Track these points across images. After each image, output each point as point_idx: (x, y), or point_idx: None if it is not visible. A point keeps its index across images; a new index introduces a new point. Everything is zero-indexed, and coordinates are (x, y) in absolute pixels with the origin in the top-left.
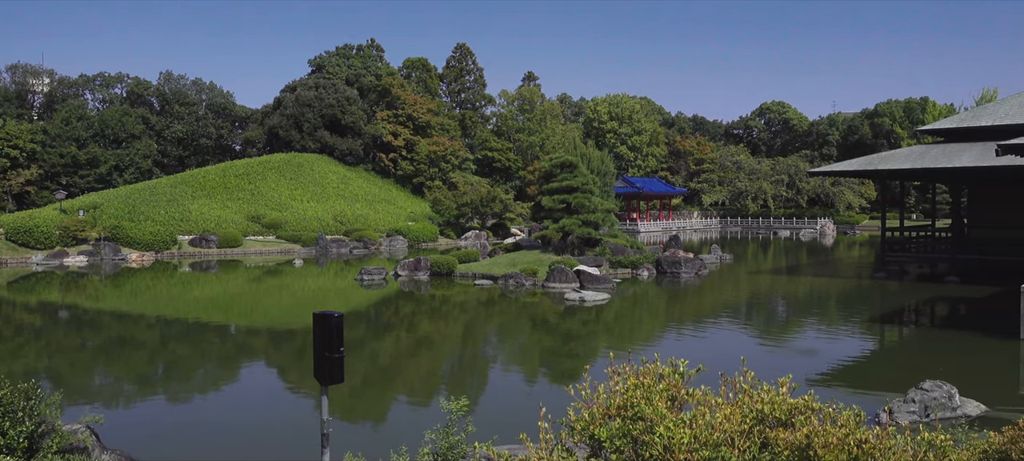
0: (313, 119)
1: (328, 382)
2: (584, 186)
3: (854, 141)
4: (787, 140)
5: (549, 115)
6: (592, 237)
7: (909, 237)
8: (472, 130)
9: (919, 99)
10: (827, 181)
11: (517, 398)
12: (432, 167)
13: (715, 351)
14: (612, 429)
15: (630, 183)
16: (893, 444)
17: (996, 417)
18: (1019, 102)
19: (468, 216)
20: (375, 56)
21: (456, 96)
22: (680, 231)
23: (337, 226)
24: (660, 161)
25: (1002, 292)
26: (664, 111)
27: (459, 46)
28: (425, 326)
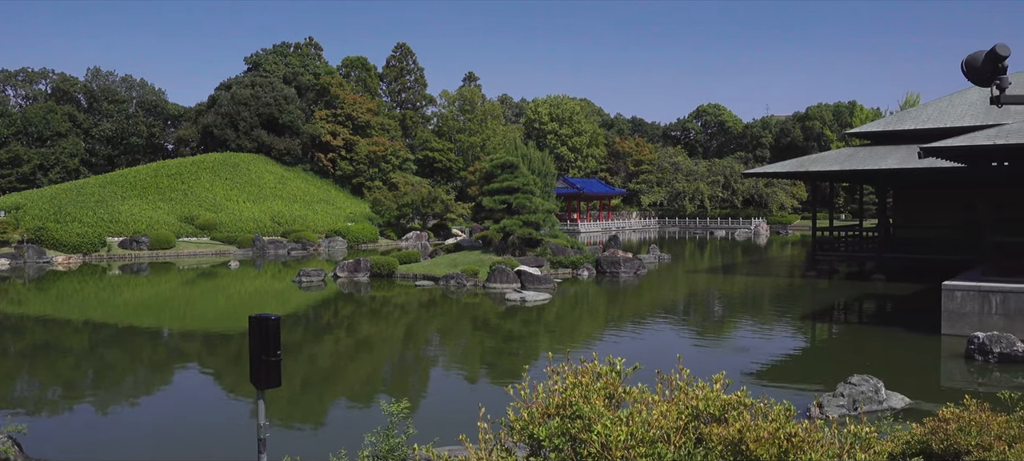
0: (249, 118)
1: (265, 386)
2: (525, 187)
3: (786, 143)
4: (723, 142)
5: (490, 116)
6: (533, 237)
7: (838, 237)
8: (413, 130)
9: (847, 103)
10: (761, 182)
11: (458, 399)
12: (372, 167)
13: (653, 349)
14: (551, 428)
15: (570, 184)
16: (821, 437)
17: (919, 409)
18: (939, 107)
19: (409, 217)
20: (313, 55)
21: (396, 96)
22: (619, 231)
23: (274, 227)
24: (600, 162)
25: (925, 289)
26: (604, 113)
27: (399, 46)
28: (365, 328)
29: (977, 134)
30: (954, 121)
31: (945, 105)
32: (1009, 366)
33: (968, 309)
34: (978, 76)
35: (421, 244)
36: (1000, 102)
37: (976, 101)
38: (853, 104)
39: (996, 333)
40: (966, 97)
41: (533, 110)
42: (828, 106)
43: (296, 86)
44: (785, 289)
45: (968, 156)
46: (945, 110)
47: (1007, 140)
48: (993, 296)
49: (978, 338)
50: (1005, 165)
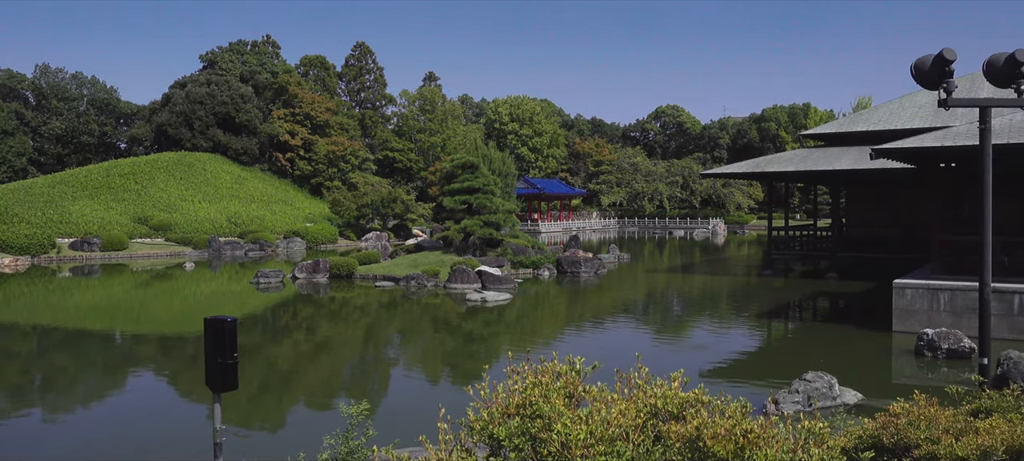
0: (205, 117)
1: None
2: (485, 187)
3: (743, 144)
4: (681, 143)
5: (450, 116)
6: (494, 238)
7: (793, 236)
8: (372, 130)
9: (802, 105)
10: (719, 182)
11: (419, 400)
12: (331, 167)
13: (612, 348)
14: (511, 428)
15: (531, 184)
16: (776, 433)
17: (871, 404)
18: (890, 109)
19: (369, 217)
20: (271, 53)
21: (356, 95)
22: (580, 231)
23: (231, 228)
24: (560, 162)
25: (877, 287)
26: (564, 113)
27: (359, 44)
28: (324, 329)
29: (926, 136)
30: (904, 123)
31: (895, 107)
32: (957, 361)
33: (918, 306)
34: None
35: (381, 245)
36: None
37: (925, 103)
38: (807, 106)
39: (944, 330)
40: (915, 100)
41: (494, 110)
42: (783, 108)
43: (253, 85)
44: (742, 288)
45: (917, 157)
46: (895, 112)
47: (954, 142)
48: (941, 294)
49: (927, 335)
50: (952, 166)
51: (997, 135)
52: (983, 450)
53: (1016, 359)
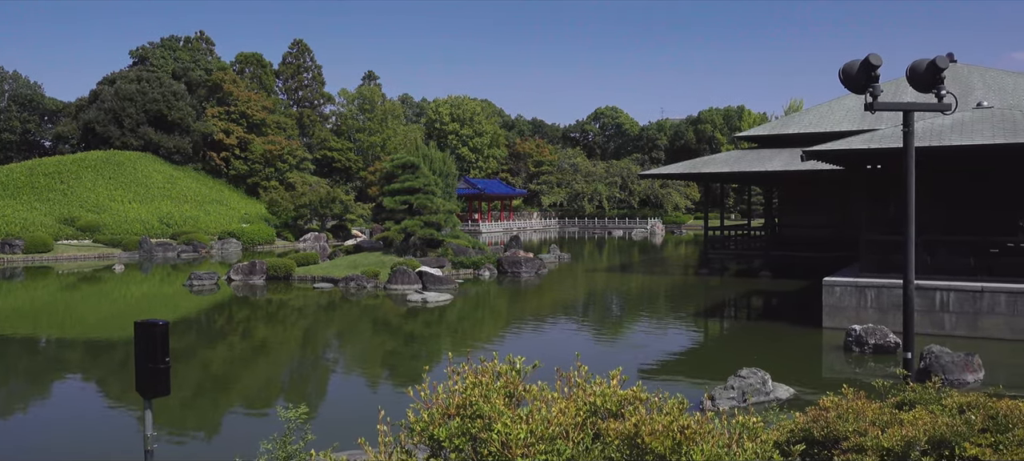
0: (135, 114)
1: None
2: (426, 187)
3: (680, 145)
4: (620, 144)
5: (390, 115)
6: (434, 238)
7: (728, 236)
8: (311, 129)
9: (736, 107)
10: (657, 183)
11: (358, 403)
12: (268, 167)
13: (553, 347)
14: (451, 428)
15: (472, 184)
16: (712, 428)
17: (803, 399)
18: (820, 112)
19: (307, 218)
20: (205, 49)
21: (293, 94)
22: (521, 232)
23: (163, 229)
24: (501, 163)
25: (808, 285)
26: (504, 114)
27: (296, 42)
28: (261, 332)
29: (853, 139)
30: (833, 126)
31: (825, 110)
32: (883, 356)
33: (846, 304)
34: (854, 84)
35: (320, 246)
36: (873, 108)
37: (853, 107)
38: (742, 108)
39: (871, 325)
40: (844, 103)
41: (434, 110)
42: (719, 110)
43: (186, 82)
44: (679, 287)
45: (845, 159)
46: (825, 115)
47: (880, 144)
48: (868, 291)
49: (855, 331)
50: (879, 168)
51: (919, 138)
52: (907, 441)
53: (938, 353)
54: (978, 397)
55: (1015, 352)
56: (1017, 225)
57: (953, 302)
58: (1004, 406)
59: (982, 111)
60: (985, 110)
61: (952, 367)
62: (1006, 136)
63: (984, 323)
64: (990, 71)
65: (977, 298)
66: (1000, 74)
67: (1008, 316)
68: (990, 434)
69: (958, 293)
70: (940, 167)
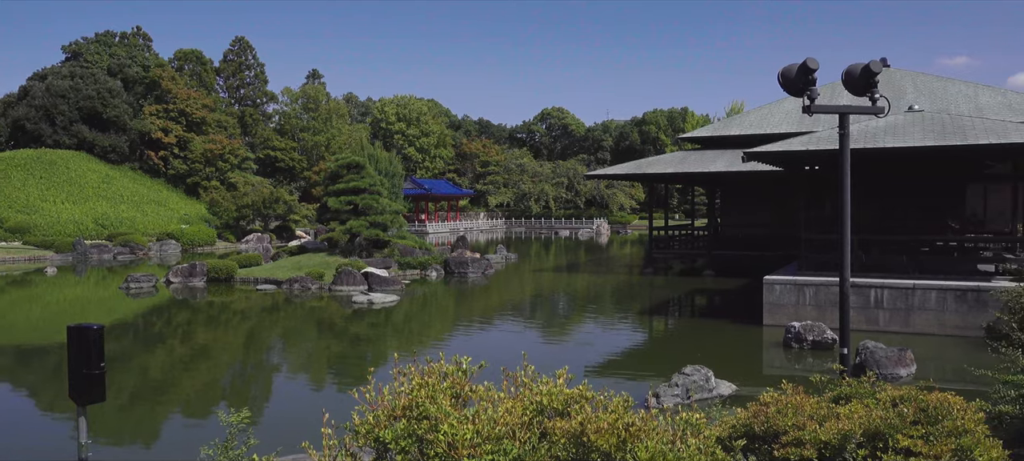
0: (69, 112)
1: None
2: (372, 187)
3: (625, 146)
4: (566, 144)
5: (335, 115)
6: (380, 239)
7: (672, 236)
8: (253, 128)
9: (680, 109)
10: (602, 184)
11: (303, 406)
12: (208, 166)
13: (500, 347)
14: (397, 430)
15: (418, 185)
16: (656, 425)
17: (744, 395)
18: (760, 114)
19: (249, 218)
20: (142, 45)
21: (235, 92)
22: (467, 232)
23: (98, 230)
24: (448, 163)
25: (749, 284)
26: (451, 114)
27: (238, 39)
28: (202, 336)
29: (792, 140)
30: (773, 128)
31: (765, 113)
32: (821, 352)
33: (786, 301)
34: (792, 87)
35: (263, 247)
36: (810, 111)
37: (792, 110)
38: (685, 110)
39: (809, 322)
40: (783, 106)
41: (380, 110)
42: (663, 112)
43: (122, 79)
44: (625, 286)
45: (784, 160)
46: (765, 117)
47: (817, 146)
48: (807, 289)
49: (794, 327)
50: (816, 169)
51: (855, 140)
52: (843, 434)
53: (872, 348)
54: (910, 390)
55: (944, 346)
56: (946, 224)
57: (887, 299)
58: (934, 399)
59: (914, 114)
60: (916, 113)
61: (886, 362)
62: (936, 139)
63: (915, 319)
64: (921, 76)
65: (909, 295)
66: (930, 79)
67: (937, 312)
68: (921, 426)
69: (891, 290)
70: (875, 168)
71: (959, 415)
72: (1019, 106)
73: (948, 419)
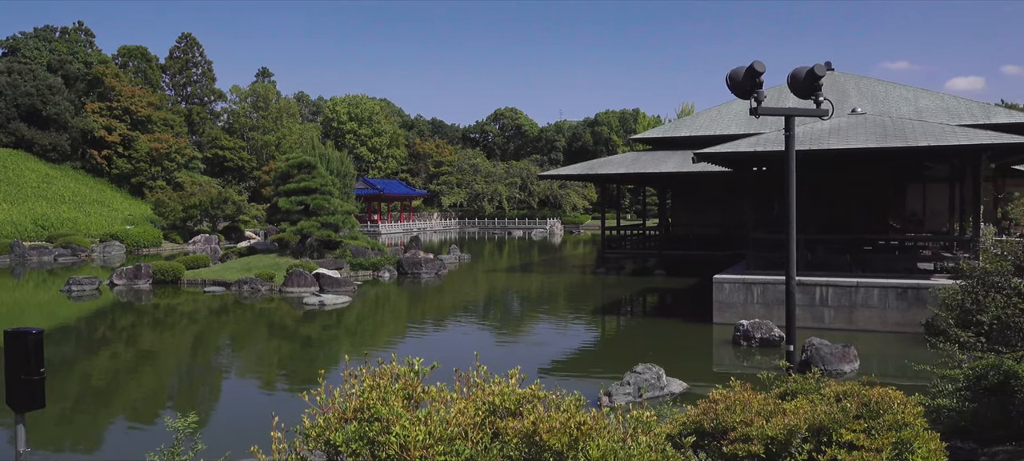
0: (6, 109)
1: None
2: (323, 187)
3: (578, 147)
4: (520, 145)
5: (285, 114)
6: (332, 239)
7: (625, 235)
8: (201, 127)
9: (632, 110)
10: (555, 184)
11: (252, 410)
12: (154, 166)
13: (453, 348)
14: (348, 433)
15: (371, 185)
16: (608, 424)
17: (695, 392)
18: (710, 116)
19: (197, 219)
20: (84, 41)
21: (181, 90)
22: (421, 232)
23: (38, 231)
24: (400, 163)
25: (699, 283)
26: (404, 113)
27: (184, 36)
28: (148, 339)
29: (741, 142)
30: (722, 129)
31: (715, 114)
32: (768, 349)
33: (735, 300)
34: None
35: (211, 248)
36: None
37: (740, 111)
38: (637, 111)
39: (757, 320)
40: (732, 108)
41: (331, 109)
42: (615, 113)
43: (63, 75)
44: (578, 285)
45: (733, 161)
46: (715, 119)
47: (764, 147)
48: (755, 287)
49: (743, 326)
50: (764, 170)
51: (800, 142)
52: (789, 429)
53: (818, 345)
54: (853, 386)
55: (886, 342)
56: (888, 224)
57: (831, 297)
58: (876, 394)
59: (857, 117)
60: (859, 116)
61: (831, 358)
62: (878, 141)
63: (859, 316)
64: (864, 79)
65: (853, 293)
66: (873, 82)
67: (880, 309)
68: (863, 420)
69: (836, 288)
70: (820, 169)
71: (899, 409)
72: (956, 110)
73: (889, 413)
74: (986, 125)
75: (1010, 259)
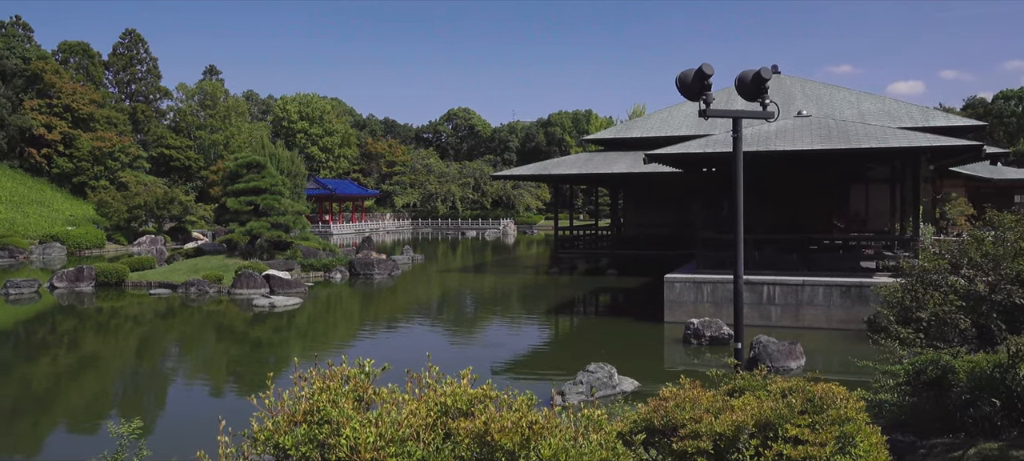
0: None
1: None
2: (273, 187)
3: (531, 147)
4: (473, 145)
5: (234, 112)
6: (282, 240)
7: (577, 236)
8: (146, 125)
9: (585, 111)
10: (509, 184)
11: (199, 414)
12: (97, 165)
13: (405, 349)
14: (297, 436)
15: (322, 185)
16: (559, 422)
17: (646, 391)
18: (661, 117)
19: (142, 220)
20: (22, 36)
21: (125, 87)
22: (373, 233)
23: None
24: (352, 163)
25: (651, 282)
26: (356, 113)
27: (128, 32)
28: (90, 343)
29: (690, 143)
30: (673, 130)
31: (666, 115)
32: (718, 347)
33: (685, 299)
34: (689, 91)
35: (157, 249)
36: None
37: (690, 113)
38: (589, 112)
39: (707, 319)
40: (682, 109)
41: (281, 108)
42: (568, 114)
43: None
44: (531, 286)
45: (683, 162)
46: (666, 120)
47: (714, 149)
48: (705, 286)
49: (693, 324)
50: (713, 170)
51: (748, 143)
52: (737, 425)
53: (765, 342)
54: (798, 382)
55: (831, 339)
56: (833, 223)
57: (778, 295)
58: (820, 389)
59: (802, 119)
60: (805, 118)
61: (777, 355)
62: (822, 142)
63: (805, 314)
64: (809, 82)
65: (799, 291)
66: (817, 85)
67: (825, 307)
68: (808, 415)
69: (783, 287)
70: (767, 170)
71: (842, 404)
72: (897, 113)
73: (832, 408)
74: (925, 128)
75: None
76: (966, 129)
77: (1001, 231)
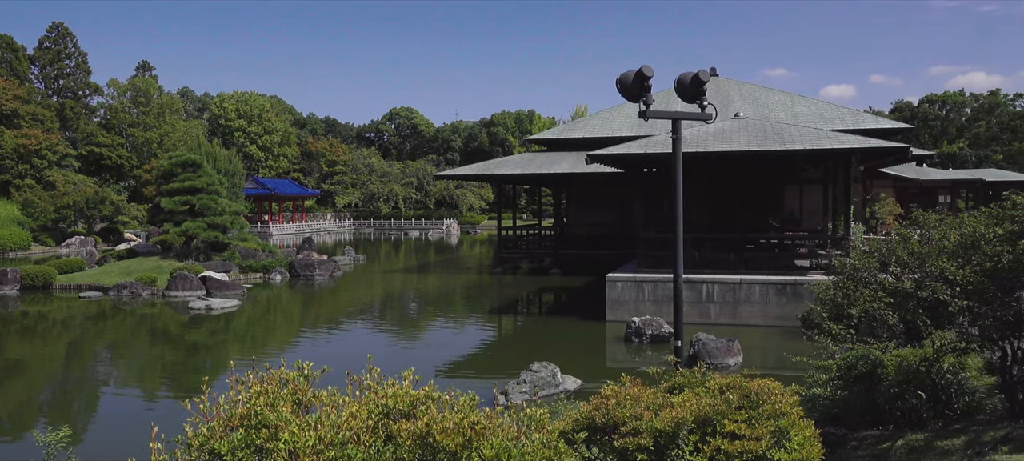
0: None
1: None
2: (210, 187)
3: (474, 147)
4: (416, 145)
5: (169, 110)
6: (219, 241)
7: (521, 235)
8: (75, 123)
9: (527, 111)
10: (452, 184)
11: (131, 421)
12: (22, 163)
13: (347, 351)
14: (234, 441)
15: (261, 184)
16: (502, 422)
17: (588, 389)
18: (602, 118)
19: (71, 220)
20: None
21: (53, 83)
22: (314, 233)
23: None
24: (292, 162)
25: (594, 281)
26: (296, 111)
27: (55, 25)
28: (14, 349)
29: (632, 144)
30: (614, 131)
31: (607, 116)
32: (658, 345)
33: (627, 297)
34: (630, 93)
35: (87, 251)
36: (646, 116)
37: (631, 114)
38: (532, 113)
39: (648, 317)
40: (623, 110)
41: (218, 106)
42: (511, 114)
43: None
44: (475, 285)
45: (624, 163)
46: (607, 121)
47: (653, 150)
48: (646, 285)
49: (634, 323)
50: (654, 171)
51: (687, 144)
52: (676, 421)
53: (705, 340)
54: (736, 378)
55: (767, 336)
56: (768, 223)
57: (717, 293)
58: (756, 385)
59: (739, 121)
60: (742, 120)
61: (716, 352)
62: (758, 144)
63: (743, 311)
64: (746, 85)
65: (736, 289)
66: (754, 88)
67: (761, 305)
68: (745, 411)
69: (721, 285)
70: (706, 170)
71: (777, 399)
72: (829, 116)
73: (768, 403)
74: (856, 130)
75: (876, 256)
76: (894, 131)
77: (926, 230)
